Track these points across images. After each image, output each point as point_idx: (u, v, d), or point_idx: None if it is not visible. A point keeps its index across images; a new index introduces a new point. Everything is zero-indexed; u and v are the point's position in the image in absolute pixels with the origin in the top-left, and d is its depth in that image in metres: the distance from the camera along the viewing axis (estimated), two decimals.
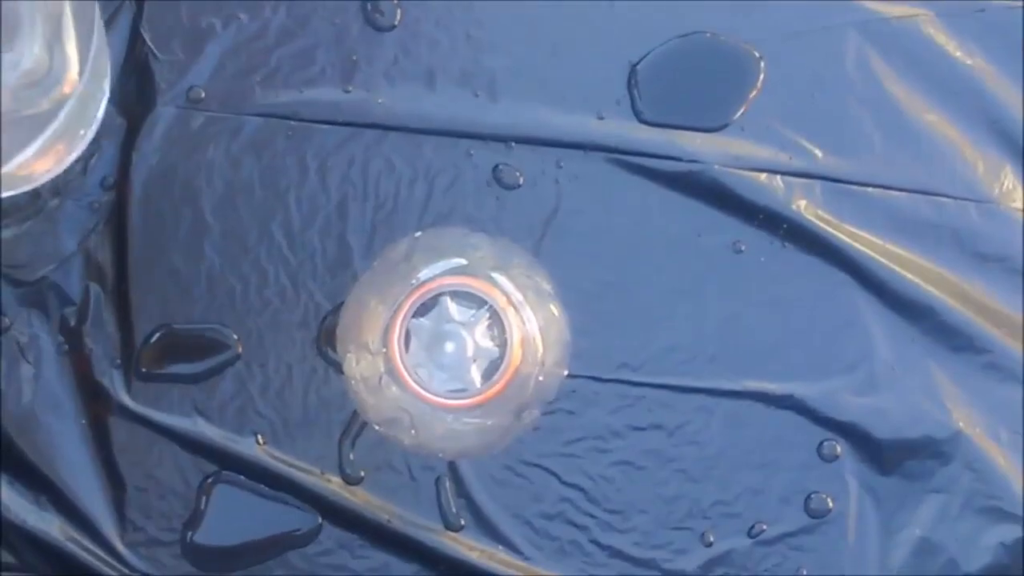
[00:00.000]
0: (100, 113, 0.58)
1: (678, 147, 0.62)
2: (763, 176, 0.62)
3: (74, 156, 0.58)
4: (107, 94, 0.58)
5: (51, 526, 0.59)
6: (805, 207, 0.62)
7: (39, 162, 0.54)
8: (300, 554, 0.61)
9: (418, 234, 0.53)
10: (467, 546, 0.61)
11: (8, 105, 0.47)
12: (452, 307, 0.48)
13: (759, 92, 0.62)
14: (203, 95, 0.62)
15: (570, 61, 0.62)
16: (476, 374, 0.48)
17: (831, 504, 0.62)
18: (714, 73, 0.63)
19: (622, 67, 0.62)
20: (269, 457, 0.60)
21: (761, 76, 0.62)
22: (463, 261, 0.49)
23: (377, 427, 0.53)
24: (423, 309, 0.48)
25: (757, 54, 0.63)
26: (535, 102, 0.62)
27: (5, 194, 0.54)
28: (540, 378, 0.49)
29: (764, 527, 0.62)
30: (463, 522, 0.61)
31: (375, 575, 0.61)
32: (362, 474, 0.61)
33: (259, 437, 0.61)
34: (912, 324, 0.62)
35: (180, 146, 0.61)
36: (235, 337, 0.61)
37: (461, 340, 0.48)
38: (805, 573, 0.61)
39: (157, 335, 0.61)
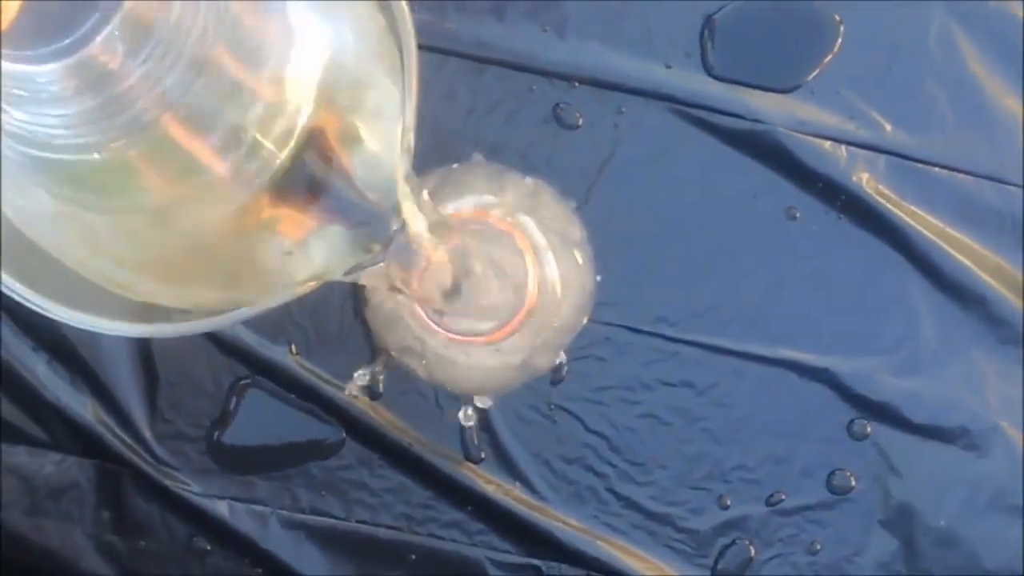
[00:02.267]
0: None
1: (744, 105, 0.61)
2: (827, 144, 0.60)
3: None
4: None
5: (84, 407, 0.61)
6: (867, 180, 0.60)
7: None
8: (321, 466, 0.61)
9: (455, 165, 0.52)
10: (484, 479, 0.61)
11: None
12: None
13: (834, 56, 0.61)
14: None
15: (644, 6, 0.61)
16: (500, 312, 0.48)
17: (854, 483, 0.61)
18: (790, 32, 0.61)
19: (697, 17, 0.61)
20: (300, 367, 0.61)
21: (839, 40, 0.61)
22: (493, 199, 0.49)
23: (393, 354, 0.54)
24: None
25: (837, 17, 0.61)
26: (603, 44, 0.61)
27: None
28: (555, 324, 0.49)
29: (783, 497, 0.61)
30: (483, 455, 0.61)
31: (391, 495, 0.61)
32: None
33: (292, 346, 0.61)
34: (961, 310, 0.60)
35: None
36: None
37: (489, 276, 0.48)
38: (819, 548, 0.61)
39: None
